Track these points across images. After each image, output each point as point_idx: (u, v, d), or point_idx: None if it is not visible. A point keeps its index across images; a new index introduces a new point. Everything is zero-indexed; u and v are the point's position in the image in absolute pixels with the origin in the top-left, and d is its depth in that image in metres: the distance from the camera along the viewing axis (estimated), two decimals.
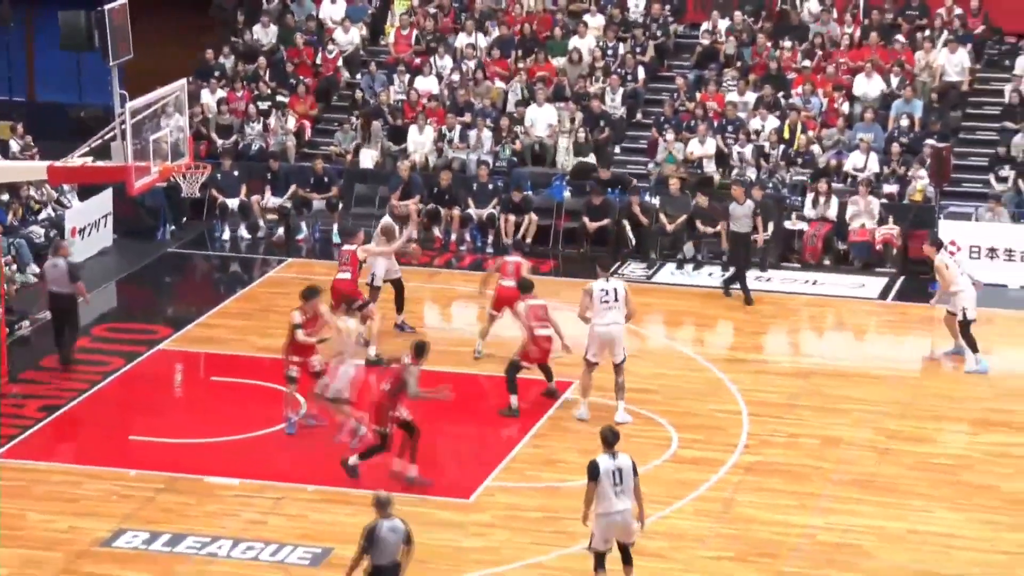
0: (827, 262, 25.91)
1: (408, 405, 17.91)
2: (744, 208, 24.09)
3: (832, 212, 26.08)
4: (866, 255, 25.70)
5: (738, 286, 24.19)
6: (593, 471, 15.02)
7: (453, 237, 26.83)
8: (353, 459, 18.00)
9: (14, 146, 27.13)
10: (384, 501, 14.20)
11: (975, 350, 21.63)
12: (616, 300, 19.43)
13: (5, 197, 25.47)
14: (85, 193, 26.60)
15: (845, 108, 28.12)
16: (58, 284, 21.65)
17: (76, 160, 19.69)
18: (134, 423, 19.75)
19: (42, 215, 26.05)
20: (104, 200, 26.47)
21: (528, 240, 26.64)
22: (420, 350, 18.03)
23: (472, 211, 26.87)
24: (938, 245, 22.49)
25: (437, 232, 26.90)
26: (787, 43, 29.35)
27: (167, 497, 17.79)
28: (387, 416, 17.76)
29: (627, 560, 15.37)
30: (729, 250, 24.63)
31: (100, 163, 19.69)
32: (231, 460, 18.80)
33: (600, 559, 15.27)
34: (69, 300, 21.64)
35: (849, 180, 26.96)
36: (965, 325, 21.61)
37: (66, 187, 26.33)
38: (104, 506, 17.59)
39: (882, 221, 26.01)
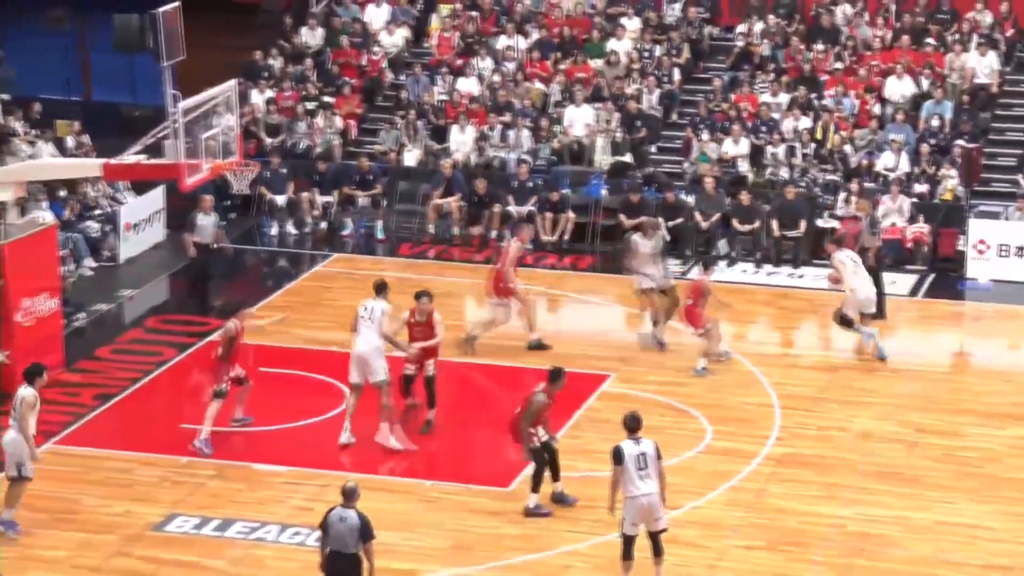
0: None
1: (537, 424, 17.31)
2: (865, 221, 23.82)
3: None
4: (897, 253, 25.65)
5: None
6: (618, 455, 15.16)
7: (493, 234, 26.90)
8: (531, 500, 17.21)
9: (70, 144, 27.35)
10: (346, 491, 14.33)
11: (851, 326, 21.61)
12: (371, 320, 18.70)
13: (63, 193, 25.67)
14: (139, 189, 26.79)
15: (877, 109, 28.08)
16: (200, 235, 23.19)
17: (130, 158, 19.91)
18: (185, 412, 19.90)
19: (97, 211, 26.25)
20: (157, 196, 26.65)
21: (566, 237, 26.71)
22: (553, 376, 17.32)
23: (512, 209, 26.94)
24: (837, 243, 22.29)
25: (477, 230, 26.95)
26: (820, 46, 29.32)
27: (217, 484, 17.94)
28: (527, 436, 17.14)
29: (658, 552, 15.40)
30: (871, 264, 23.44)
31: (153, 160, 19.90)
32: (279, 448, 18.95)
33: (628, 546, 15.34)
34: (206, 250, 23.25)
35: (880, 180, 26.92)
36: (841, 313, 21.56)
37: (121, 184, 26.52)
38: (157, 492, 17.73)
39: (912, 220, 25.97)
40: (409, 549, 16.47)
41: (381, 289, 19.14)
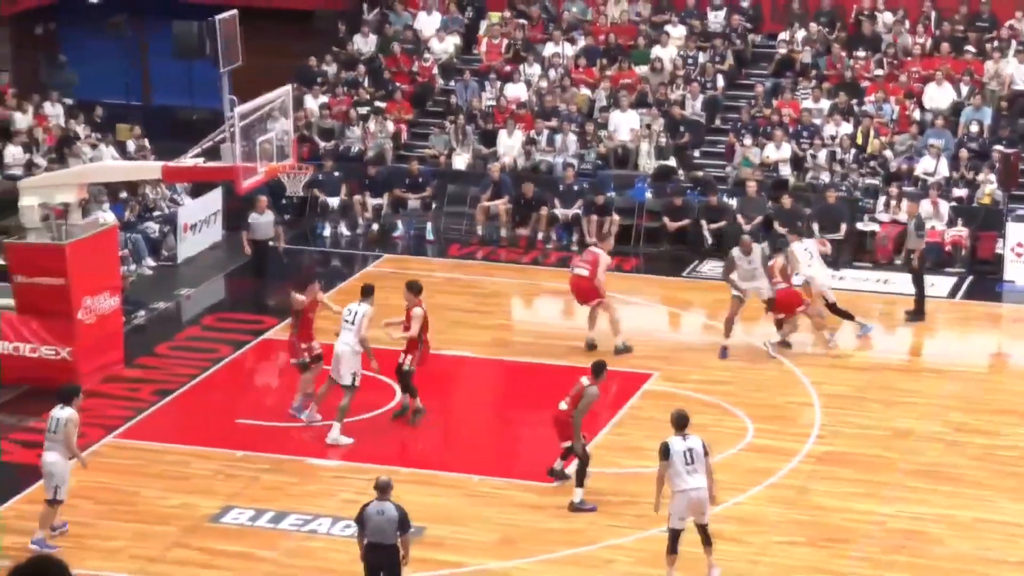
0: (898, 262, 25.66)
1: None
2: (911, 224, 23.53)
3: (903, 215, 25.82)
4: (936, 256, 25.41)
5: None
6: (665, 451, 15.10)
7: (540, 236, 26.82)
8: (576, 496, 17.17)
9: (131, 147, 27.46)
10: (380, 485, 14.35)
11: (852, 318, 21.92)
12: (352, 323, 18.75)
13: (124, 195, 25.77)
14: (197, 191, 26.86)
15: (916, 115, 27.86)
16: (255, 233, 24.08)
17: (188, 161, 19.95)
18: (241, 407, 19.94)
19: (156, 212, 26.34)
20: (214, 198, 26.71)
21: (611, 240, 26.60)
22: (598, 370, 17.35)
23: (558, 211, 26.87)
24: (799, 234, 22.89)
25: (523, 232, 26.89)
26: (861, 53, 29.13)
27: (271, 477, 17.95)
28: (574, 432, 17.15)
29: (707, 542, 15.35)
30: (914, 267, 23.34)
31: (211, 163, 19.93)
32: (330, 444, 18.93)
33: (674, 540, 15.26)
34: (263, 248, 24.20)
35: (920, 184, 26.71)
36: (831, 306, 21.93)
37: (179, 186, 26.60)
38: (213, 484, 17.75)
39: (951, 223, 25.73)
40: (457, 542, 16.45)
41: (367, 293, 19.36)
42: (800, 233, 22.86)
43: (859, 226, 26.00)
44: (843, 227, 25.59)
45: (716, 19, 30.78)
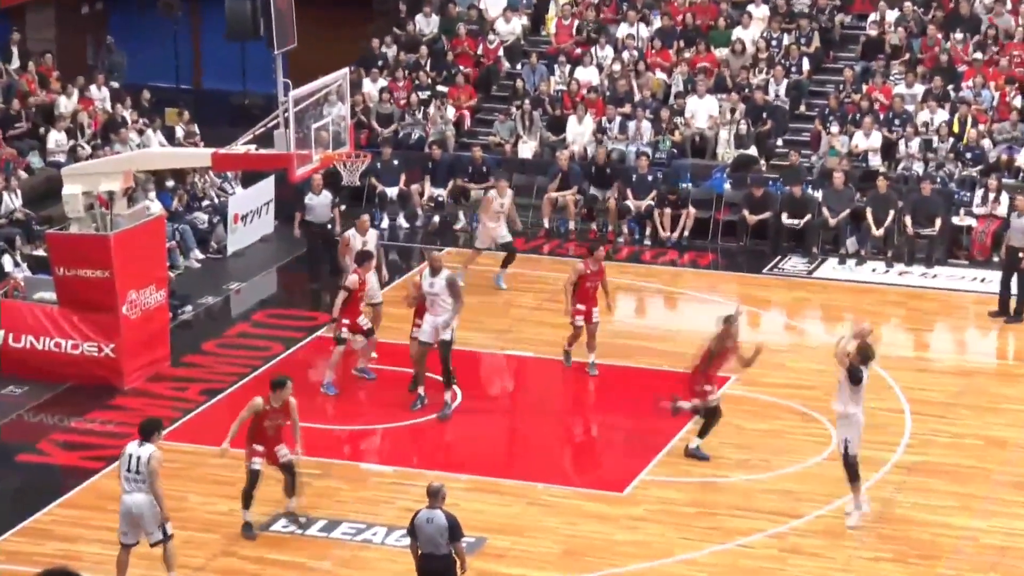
0: (996, 259, 25.38)
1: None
2: (1020, 220, 23.19)
3: (1002, 209, 25.54)
4: None
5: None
6: (860, 377, 16.70)
7: (610, 228, 26.76)
8: (694, 442, 18.57)
9: (179, 133, 27.65)
10: (431, 491, 14.39)
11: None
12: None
13: (171, 183, 25.94)
14: (248, 180, 26.99)
15: (1018, 102, 27.55)
16: (312, 215, 24.02)
17: (240, 148, 20.07)
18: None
19: (205, 202, 26.49)
20: (266, 187, 26.84)
21: (686, 234, 26.50)
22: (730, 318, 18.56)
23: (630, 203, 26.80)
24: None
25: (594, 225, 26.87)
26: (958, 35, 28.85)
27: (323, 483, 18.02)
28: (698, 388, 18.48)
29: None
30: (1005, 263, 23.26)
31: (263, 151, 20.05)
32: (386, 448, 19.00)
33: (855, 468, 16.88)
34: (321, 232, 24.09)
35: (1021, 176, 26.42)
36: None
37: (229, 174, 26.75)
38: (261, 490, 17.75)
39: None
40: (519, 553, 16.46)
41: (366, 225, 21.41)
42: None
43: (954, 220, 25.74)
44: (938, 221, 25.36)
45: None
